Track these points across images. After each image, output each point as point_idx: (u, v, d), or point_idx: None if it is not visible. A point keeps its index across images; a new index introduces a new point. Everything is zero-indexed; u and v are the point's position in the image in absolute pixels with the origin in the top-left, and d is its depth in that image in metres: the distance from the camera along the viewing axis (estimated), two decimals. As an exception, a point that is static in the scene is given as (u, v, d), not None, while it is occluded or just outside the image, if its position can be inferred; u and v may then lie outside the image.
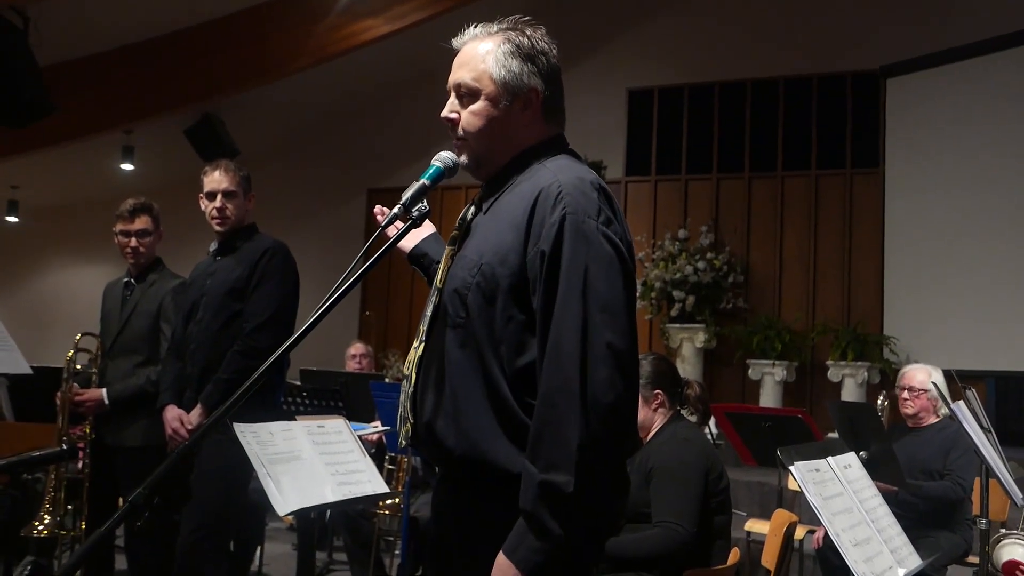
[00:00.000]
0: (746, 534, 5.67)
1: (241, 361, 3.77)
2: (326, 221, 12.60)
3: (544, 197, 1.92)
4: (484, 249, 1.97)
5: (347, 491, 2.91)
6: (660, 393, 3.57)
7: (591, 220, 1.88)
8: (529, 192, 1.96)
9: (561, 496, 1.74)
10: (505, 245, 1.94)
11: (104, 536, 1.53)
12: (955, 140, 9.38)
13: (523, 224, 1.92)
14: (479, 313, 1.93)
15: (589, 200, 1.91)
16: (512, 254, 1.92)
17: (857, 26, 10.22)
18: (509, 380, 1.91)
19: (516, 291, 1.91)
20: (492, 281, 1.93)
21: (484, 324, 1.93)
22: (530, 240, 1.91)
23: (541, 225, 1.90)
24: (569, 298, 1.83)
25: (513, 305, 1.91)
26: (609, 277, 1.86)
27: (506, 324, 1.91)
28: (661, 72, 11.25)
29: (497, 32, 2.08)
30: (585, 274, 1.84)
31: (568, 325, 1.82)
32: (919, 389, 5.04)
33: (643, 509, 3.31)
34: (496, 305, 1.92)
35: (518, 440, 1.88)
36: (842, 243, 10.23)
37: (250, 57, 10.09)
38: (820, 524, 4.50)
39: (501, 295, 1.92)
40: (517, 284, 1.91)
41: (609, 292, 1.85)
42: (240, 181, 4.04)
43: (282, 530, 6.99)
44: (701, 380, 9.84)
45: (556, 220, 1.88)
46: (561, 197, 1.89)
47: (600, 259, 1.86)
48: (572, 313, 1.82)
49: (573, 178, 1.94)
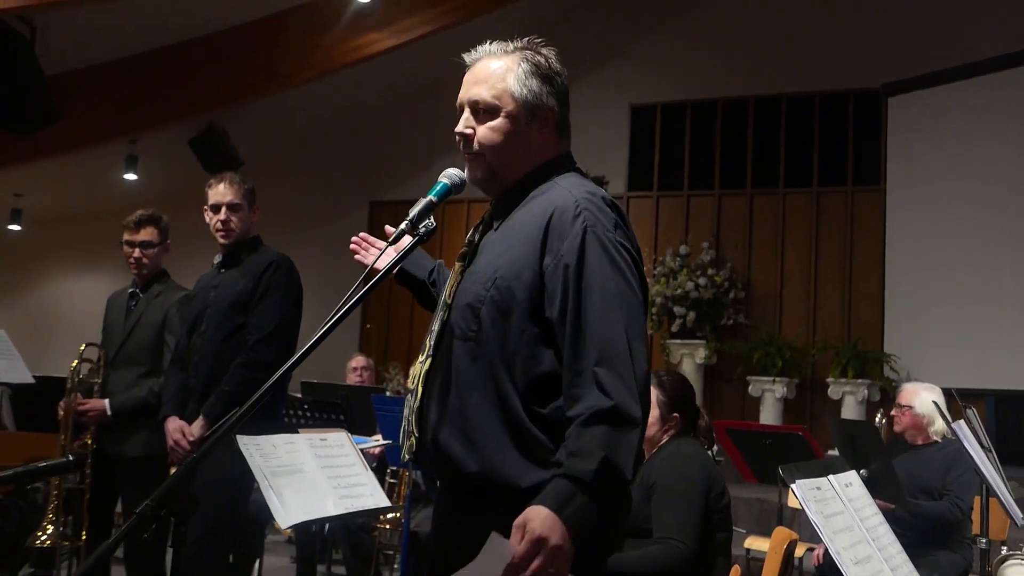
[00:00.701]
0: (745, 551, 5.66)
1: (244, 374, 3.78)
2: (329, 233, 12.59)
3: (560, 213, 1.97)
4: (499, 264, 2.01)
5: (349, 504, 2.91)
6: (678, 417, 3.58)
7: (609, 232, 1.96)
8: (542, 209, 2.01)
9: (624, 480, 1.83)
10: (520, 260, 1.98)
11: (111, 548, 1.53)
12: (956, 158, 9.40)
13: (538, 240, 1.97)
14: (492, 327, 1.97)
15: (605, 214, 1.98)
16: (527, 269, 1.96)
17: (859, 44, 10.25)
18: (520, 392, 1.94)
19: (532, 305, 1.96)
20: (508, 295, 1.97)
21: (497, 337, 1.96)
22: (547, 254, 1.96)
23: (560, 239, 1.95)
24: (606, 304, 1.90)
25: (528, 318, 1.96)
26: (631, 286, 1.95)
27: (520, 336, 1.95)
28: (664, 88, 11.28)
29: (513, 51, 2.12)
30: (613, 282, 1.92)
31: (615, 328, 1.88)
32: (905, 406, 5.06)
33: (644, 525, 3.31)
34: (512, 319, 1.96)
35: (528, 453, 1.90)
36: (843, 260, 10.24)
37: (255, 69, 10.12)
38: (820, 542, 4.50)
39: (517, 309, 1.96)
40: (532, 298, 1.96)
41: (634, 298, 1.94)
42: (245, 193, 4.05)
43: (281, 543, 6.98)
44: (702, 396, 9.86)
45: (578, 232, 1.94)
46: (580, 212, 1.96)
47: (622, 269, 1.94)
48: (614, 317, 1.89)
49: (586, 194, 2.01)
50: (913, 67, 9.77)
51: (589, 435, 1.82)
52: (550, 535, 1.73)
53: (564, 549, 1.74)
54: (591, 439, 1.81)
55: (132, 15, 9.04)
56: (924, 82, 9.69)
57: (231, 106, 10.60)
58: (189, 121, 10.76)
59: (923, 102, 9.73)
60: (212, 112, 10.67)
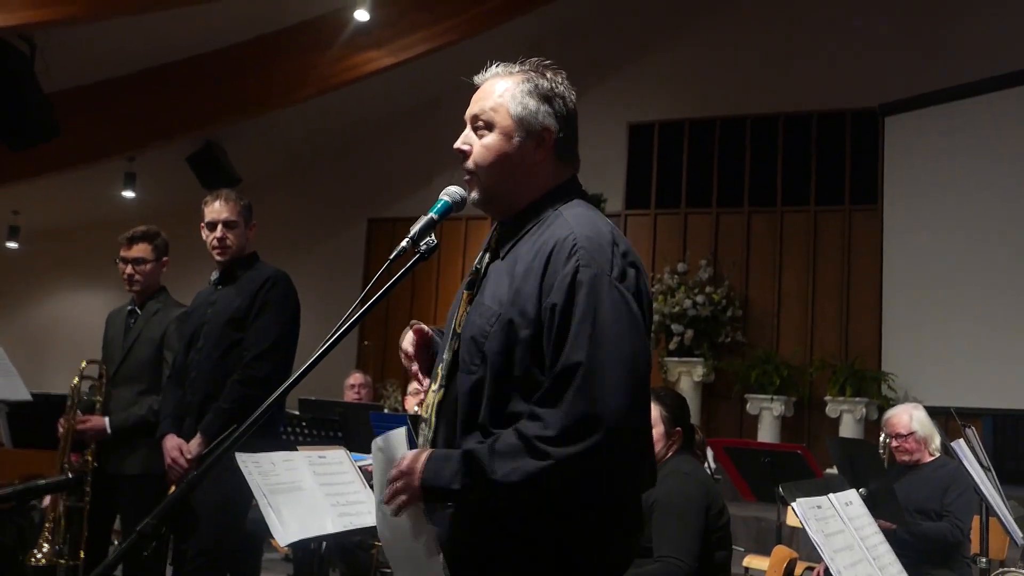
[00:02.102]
0: (744, 570, 5.64)
1: (241, 390, 3.77)
2: (327, 250, 12.62)
3: (559, 249, 1.95)
4: (503, 298, 1.99)
5: (348, 522, 2.91)
6: (680, 431, 3.57)
7: (604, 275, 1.92)
8: (545, 243, 1.99)
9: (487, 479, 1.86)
10: (523, 296, 1.96)
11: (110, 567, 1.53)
12: (953, 178, 9.43)
13: (539, 275, 1.95)
14: (495, 362, 1.95)
15: (603, 253, 1.94)
16: (529, 305, 1.95)
17: (856, 64, 10.29)
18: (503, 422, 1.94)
19: (534, 343, 1.94)
20: (511, 332, 1.95)
21: (497, 374, 1.95)
22: (543, 292, 1.94)
23: (555, 276, 1.92)
24: (576, 349, 1.86)
25: (529, 357, 1.94)
26: (618, 331, 1.89)
27: (522, 375, 1.94)
28: (662, 106, 11.33)
29: (519, 72, 2.12)
30: (594, 327, 1.87)
31: (572, 376, 1.85)
32: (906, 433, 5.00)
33: (644, 543, 3.30)
34: (515, 355, 1.95)
35: None
36: (841, 279, 10.25)
37: (253, 86, 10.16)
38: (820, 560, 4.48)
39: (519, 346, 1.94)
40: (535, 336, 1.94)
41: (616, 346, 1.88)
42: (241, 210, 4.05)
43: (278, 560, 6.94)
44: (700, 414, 9.86)
45: (569, 273, 1.91)
46: (575, 251, 1.93)
47: (611, 313, 1.89)
48: (576, 363, 1.85)
49: (588, 231, 1.97)
50: (910, 87, 9.82)
51: (506, 437, 1.88)
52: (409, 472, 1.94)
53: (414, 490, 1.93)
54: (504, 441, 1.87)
55: (131, 33, 9.08)
56: (921, 102, 9.73)
57: (229, 123, 10.62)
58: (187, 138, 10.79)
59: (920, 122, 9.77)
60: (210, 129, 10.70)
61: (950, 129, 9.51)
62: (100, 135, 10.10)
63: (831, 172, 10.49)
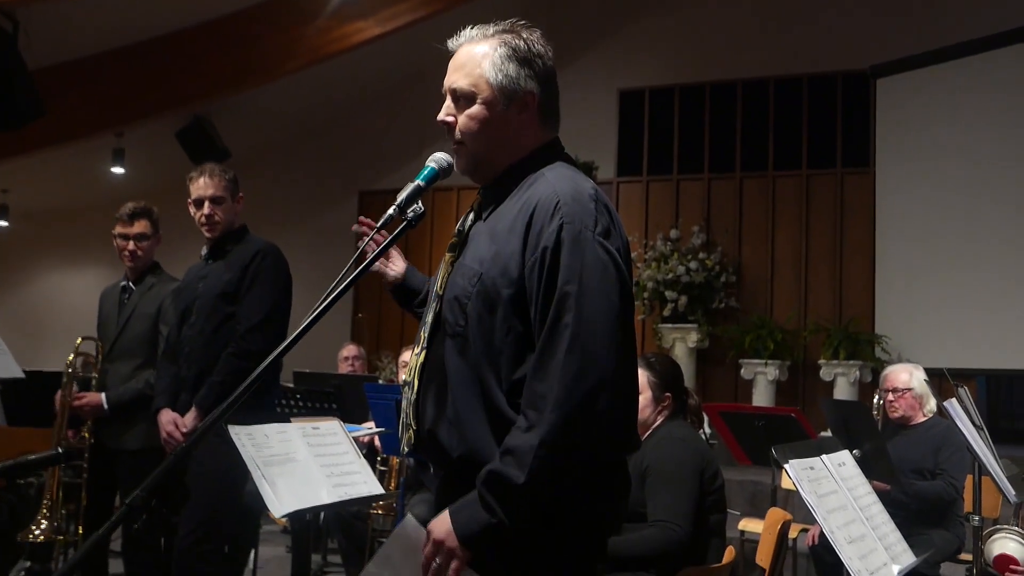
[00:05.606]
0: (740, 533, 5.68)
1: (235, 363, 3.77)
2: (317, 223, 12.58)
3: (542, 208, 1.94)
4: (485, 258, 1.99)
5: (342, 493, 2.91)
6: (670, 396, 3.58)
7: (588, 231, 1.91)
8: (528, 202, 1.98)
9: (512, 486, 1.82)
10: (505, 255, 1.96)
11: (101, 539, 1.52)
12: (945, 139, 9.41)
13: (522, 234, 1.95)
14: (478, 322, 1.95)
15: (586, 211, 1.94)
16: (512, 264, 1.94)
17: (847, 26, 10.25)
18: (505, 390, 1.93)
19: (516, 301, 1.94)
20: (493, 291, 1.95)
21: (483, 333, 1.95)
22: (527, 250, 1.93)
23: (539, 235, 1.92)
24: (564, 308, 1.86)
25: (514, 315, 1.94)
26: (604, 288, 1.89)
27: (506, 335, 1.94)
28: (652, 73, 11.27)
29: (493, 35, 2.09)
30: (580, 284, 1.87)
31: (561, 335, 1.85)
32: (903, 388, 5.04)
33: (639, 508, 3.31)
34: (496, 315, 1.95)
35: None
36: (833, 242, 10.25)
37: (241, 60, 10.06)
38: (814, 522, 4.52)
39: (502, 305, 1.94)
40: (517, 294, 1.94)
41: (603, 303, 1.88)
42: (227, 185, 4.03)
43: (276, 532, 6.97)
44: (694, 380, 9.89)
45: (554, 230, 1.90)
46: (559, 207, 1.92)
47: (596, 269, 1.89)
48: (564, 323, 1.85)
49: (571, 189, 1.97)
50: (900, 48, 9.77)
51: (509, 440, 1.86)
52: (445, 538, 1.88)
53: (457, 552, 1.86)
54: (509, 443, 1.85)
55: (115, 8, 8.99)
56: (911, 63, 9.69)
57: (217, 98, 10.53)
58: (175, 113, 10.69)
59: (911, 83, 9.73)
60: (199, 104, 10.61)
61: (941, 91, 9.49)
62: (87, 111, 10.01)
63: (823, 135, 10.47)
